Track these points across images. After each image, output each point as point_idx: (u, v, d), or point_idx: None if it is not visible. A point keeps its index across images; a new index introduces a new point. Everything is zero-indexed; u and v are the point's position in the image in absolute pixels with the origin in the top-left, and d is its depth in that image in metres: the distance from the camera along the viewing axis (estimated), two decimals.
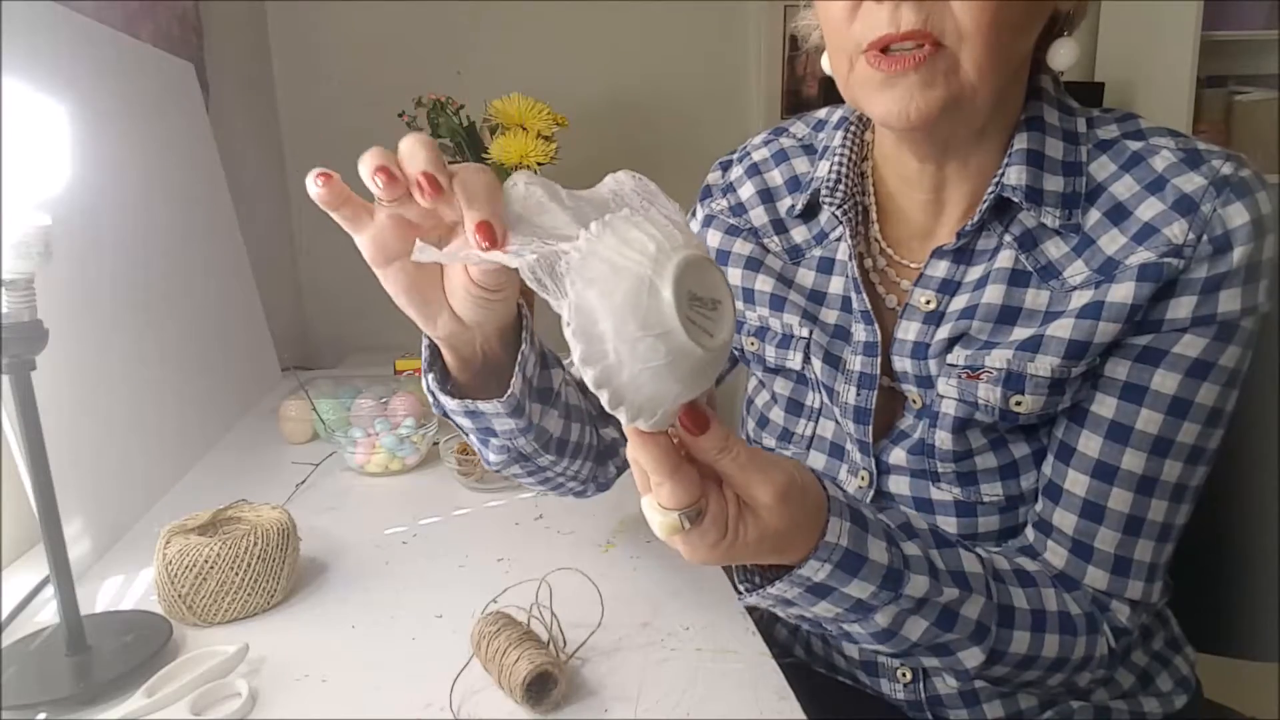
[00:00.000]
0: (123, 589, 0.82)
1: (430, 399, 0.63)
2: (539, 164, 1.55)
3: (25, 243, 0.63)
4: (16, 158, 0.85)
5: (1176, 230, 0.60)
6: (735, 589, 0.58)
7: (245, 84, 1.82)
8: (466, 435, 0.67)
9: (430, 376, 0.61)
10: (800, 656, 0.84)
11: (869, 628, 0.56)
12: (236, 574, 0.74)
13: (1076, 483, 0.64)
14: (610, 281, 0.40)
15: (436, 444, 1.13)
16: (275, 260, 1.91)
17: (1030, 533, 0.67)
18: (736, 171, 0.81)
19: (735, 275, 0.77)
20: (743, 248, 0.77)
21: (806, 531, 0.51)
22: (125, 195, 1.11)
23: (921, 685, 0.74)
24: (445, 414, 0.64)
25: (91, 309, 0.98)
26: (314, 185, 0.48)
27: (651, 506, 0.47)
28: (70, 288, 0.93)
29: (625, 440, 0.46)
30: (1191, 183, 0.60)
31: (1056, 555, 0.65)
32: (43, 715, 0.62)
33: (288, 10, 1.96)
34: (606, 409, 0.42)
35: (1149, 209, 0.61)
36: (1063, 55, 0.65)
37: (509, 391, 0.60)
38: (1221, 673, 0.89)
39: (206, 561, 0.73)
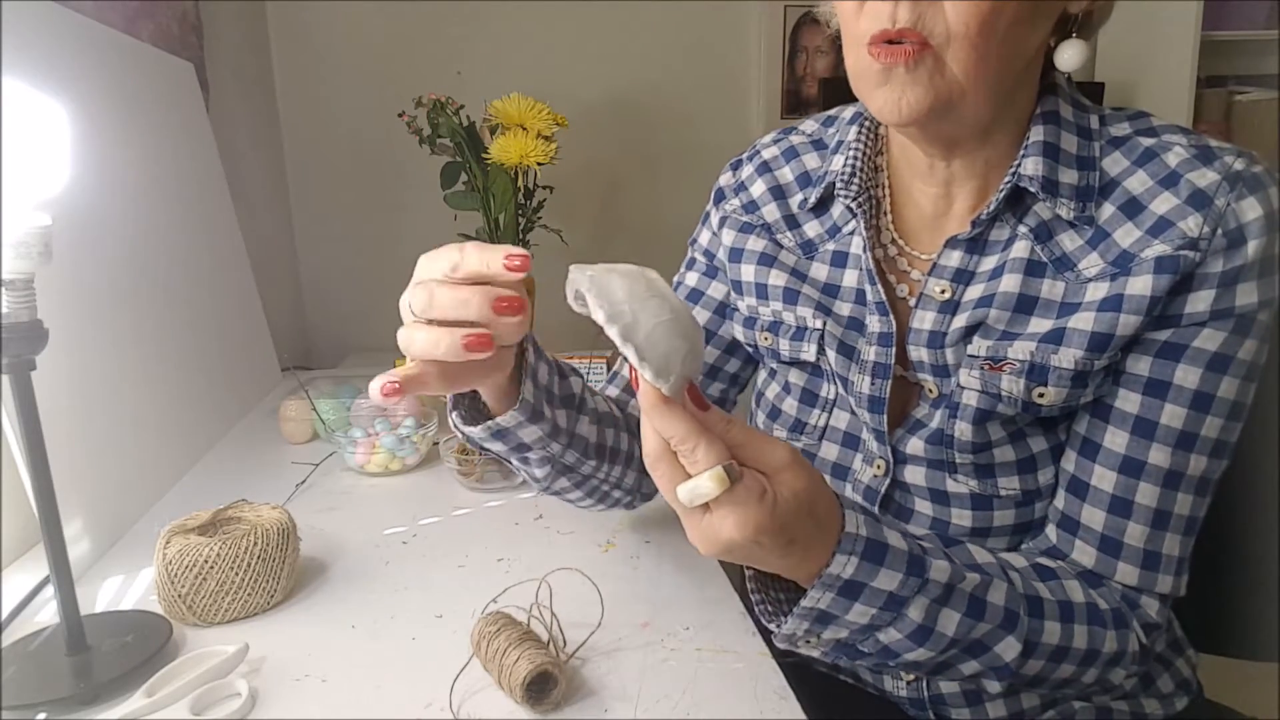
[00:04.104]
0: (123, 589, 0.82)
1: (461, 437, 0.67)
2: (539, 164, 1.55)
3: (25, 243, 0.63)
4: (16, 158, 0.85)
5: (1191, 224, 0.60)
6: (763, 628, 0.59)
7: (245, 84, 1.82)
8: (511, 464, 0.71)
9: (455, 415, 0.66)
10: (801, 655, 0.84)
11: (904, 628, 0.56)
12: (236, 574, 0.74)
13: (1104, 478, 0.64)
14: (614, 273, 0.50)
15: (436, 444, 1.13)
16: (275, 260, 1.91)
17: (1054, 532, 0.67)
18: (747, 170, 0.81)
19: (749, 271, 0.78)
20: (756, 244, 0.78)
21: (827, 512, 0.52)
22: (125, 195, 1.11)
23: (924, 683, 0.74)
24: (482, 449, 0.68)
25: (91, 309, 0.98)
26: (379, 389, 0.52)
27: (688, 482, 0.48)
28: (70, 288, 0.93)
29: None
30: (1205, 178, 0.61)
31: (1085, 553, 0.65)
32: (43, 715, 0.62)
33: (288, 10, 1.96)
34: (634, 364, 0.48)
35: (1163, 203, 0.62)
36: (1068, 57, 0.65)
37: (520, 397, 0.63)
38: (1222, 673, 0.89)
39: (206, 561, 0.73)
